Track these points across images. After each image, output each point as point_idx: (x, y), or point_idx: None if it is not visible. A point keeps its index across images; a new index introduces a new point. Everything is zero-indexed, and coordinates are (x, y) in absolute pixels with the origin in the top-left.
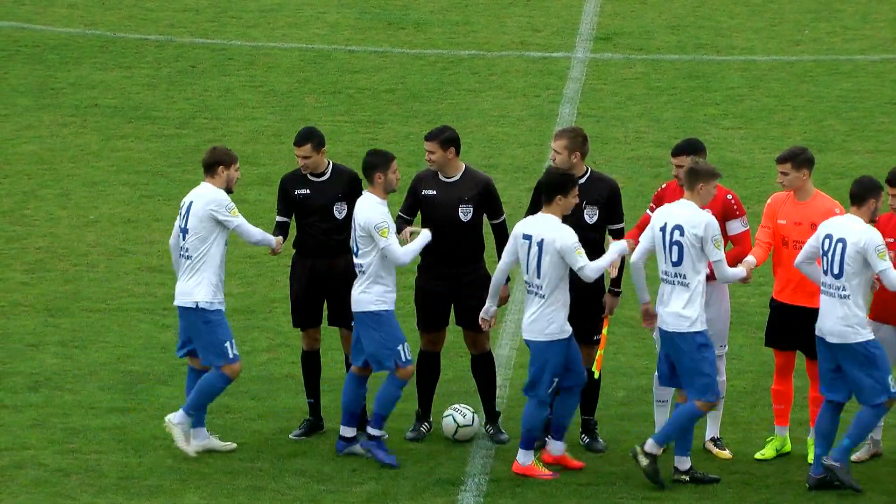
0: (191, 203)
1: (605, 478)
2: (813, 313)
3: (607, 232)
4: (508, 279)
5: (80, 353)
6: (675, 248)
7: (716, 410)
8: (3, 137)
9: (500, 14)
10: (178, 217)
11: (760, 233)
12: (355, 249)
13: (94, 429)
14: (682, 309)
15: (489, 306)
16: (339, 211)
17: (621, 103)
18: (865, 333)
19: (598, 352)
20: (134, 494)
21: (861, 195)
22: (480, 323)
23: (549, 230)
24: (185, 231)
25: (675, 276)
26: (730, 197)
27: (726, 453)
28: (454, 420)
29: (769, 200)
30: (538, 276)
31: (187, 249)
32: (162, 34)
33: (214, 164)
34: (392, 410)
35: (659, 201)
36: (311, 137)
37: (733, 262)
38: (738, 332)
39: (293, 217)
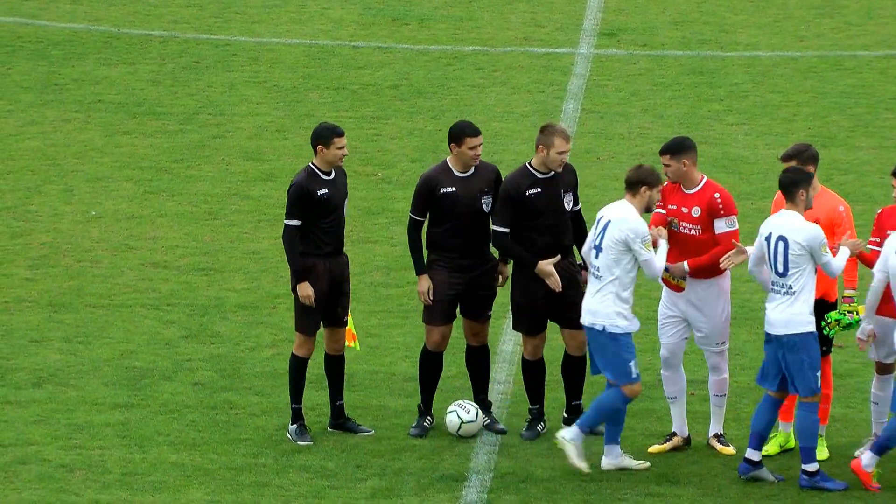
0: (608, 223)
1: (609, 473)
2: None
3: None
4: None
5: (83, 348)
6: None
7: (719, 407)
8: (7, 133)
9: (504, 10)
10: (592, 230)
11: None
12: (782, 269)
13: (97, 425)
14: None
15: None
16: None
17: (625, 99)
18: None
19: None
20: (137, 490)
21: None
22: None
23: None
24: (598, 249)
25: None
26: (717, 195)
27: (730, 449)
28: (458, 416)
29: (775, 197)
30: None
31: (598, 269)
32: (166, 30)
33: (638, 183)
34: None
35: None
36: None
37: (711, 261)
38: (741, 328)
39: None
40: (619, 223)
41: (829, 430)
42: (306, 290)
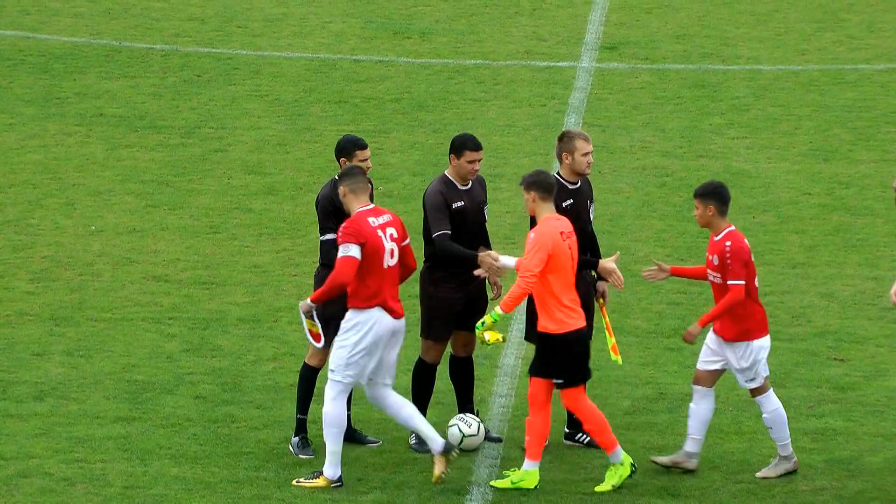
0: None
1: None
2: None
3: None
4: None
5: (85, 362)
6: None
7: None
8: (9, 147)
9: (506, 23)
10: None
11: None
12: None
13: (99, 438)
14: None
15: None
16: None
17: (627, 113)
18: None
19: (611, 340)
20: (139, 503)
21: None
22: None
23: None
24: None
25: None
26: (344, 224)
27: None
28: (459, 430)
29: None
30: None
31: None
32: (167, 43)
33: None
34: None
35: None
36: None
37: (327, 290)
38: None
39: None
40: None
41: (831, 444)
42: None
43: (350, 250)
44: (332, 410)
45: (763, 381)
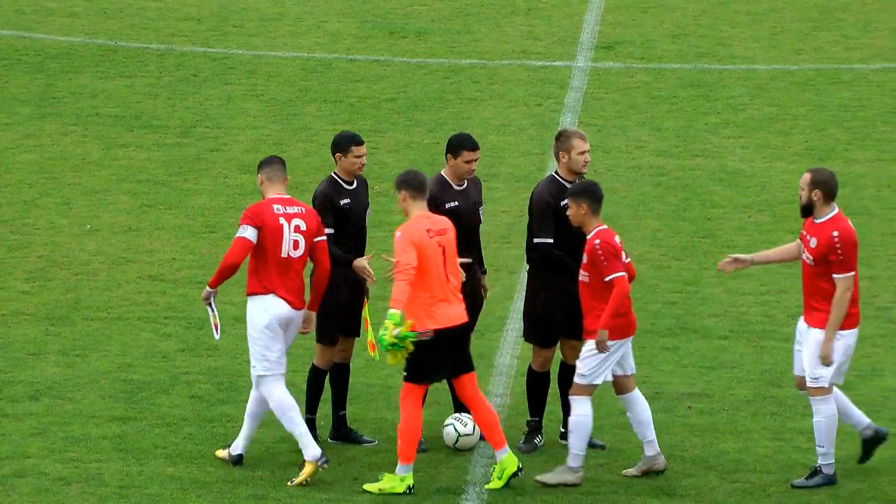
0: None
1: (607, 486)
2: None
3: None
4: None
5: (80, 361)
6: None
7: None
8: (4, 146)
9: (501, 23)
10: None
11: None
12: None
13: (94, 437)
14: None
15: None
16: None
17: (622, 112)
18: None
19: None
20: (135, 503)
21: None
22: None
23: None
24: None
25: None
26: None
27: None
28: (455, 429)
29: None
30: None
31: None
32: (163, 43)
33: None
34: None
35: None
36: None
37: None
38: (739, 340)
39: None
40: None
41: None
42: (361, 262)
43: (245, 232)
44: (276, 401)
45: (592, 385)
